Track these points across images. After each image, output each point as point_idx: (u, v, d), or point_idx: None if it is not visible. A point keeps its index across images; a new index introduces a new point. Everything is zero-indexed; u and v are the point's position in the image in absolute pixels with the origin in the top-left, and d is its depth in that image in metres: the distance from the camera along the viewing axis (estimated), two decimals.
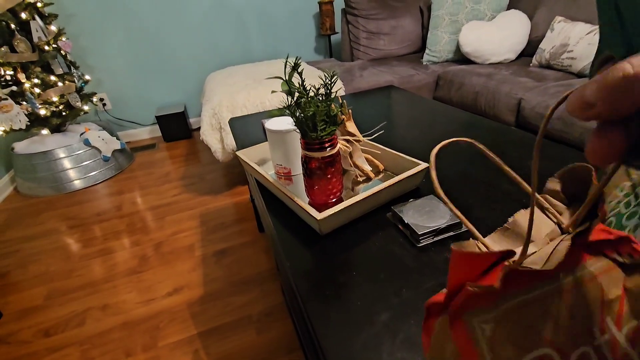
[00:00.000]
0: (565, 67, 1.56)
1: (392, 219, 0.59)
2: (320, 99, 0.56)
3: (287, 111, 0.56)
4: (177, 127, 2.67)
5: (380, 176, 0.75)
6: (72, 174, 2.08)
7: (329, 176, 0.61)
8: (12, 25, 1.77)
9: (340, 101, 0.72)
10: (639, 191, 0.35)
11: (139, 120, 2.77)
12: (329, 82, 0.54)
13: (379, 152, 0.76)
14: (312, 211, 0.54)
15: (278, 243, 0.57)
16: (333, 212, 0.54)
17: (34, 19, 1.84)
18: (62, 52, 2.04)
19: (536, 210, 0.31)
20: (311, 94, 0.56)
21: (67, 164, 2.06)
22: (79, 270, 1.40)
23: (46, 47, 1.91)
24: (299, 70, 0.54)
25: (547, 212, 0.29)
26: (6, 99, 1.80)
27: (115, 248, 1.50)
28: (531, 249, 0.29)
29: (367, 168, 0.73)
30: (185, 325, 1.09)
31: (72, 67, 2.10)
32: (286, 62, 0.52)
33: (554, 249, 0.22)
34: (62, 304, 1.24)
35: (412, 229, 0.53)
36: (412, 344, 0.38)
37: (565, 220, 0.26)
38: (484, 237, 0.27)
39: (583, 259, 0.22)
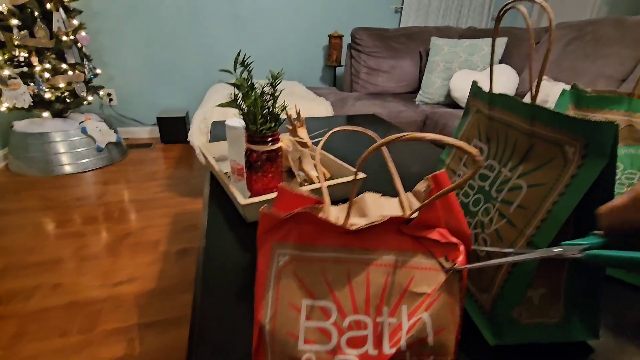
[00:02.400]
0: None
1: None
2: (267, 97, 0.61)
3: (235, 103, 0.60)
4: (176, 130, 2.74)
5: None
6: (63, 158, 2.13)
7: (267, 171, 0.64)
8: (36, 13, 1.89)
9: (297, 110, 0.77)
10: (470, 183, 0.38)
11: (141, 119, 2.86)
12: (274, 82, 0.59)
13: (327, 160, 0.80)
14: (238, 196, 0.58)
15: (204, 222, 0.59)
16: (257, 200, 0.57)
17: (57, 10, 1.97)
18: (78, 44, 2.17)
19: (389, 198, 0.34)
20: (259, 90, 0.60)
21: (60, 148, 2.12)
22: (42, 248, 1.41)
23: (64, 38, 2.03)
24: (249, 68, 0.59)
25: (402, 202, 0.32)
26: (15, 77, 1.90)
27: (84, 232, 1.52)
28: (363, 221, 0.31)
29: (314, 174, 0.76)
30: (128, 315, 1.09)
31: (85, 59, 2.21)
32: (236, 57, 0.57)
33: (371, 222, 0.24)
34: (15, 277, 1.24)
35: None
36: None
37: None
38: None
39: (409, 248, 0.23)
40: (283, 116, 0.68)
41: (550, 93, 1.60)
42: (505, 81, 1.93)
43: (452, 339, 0.21)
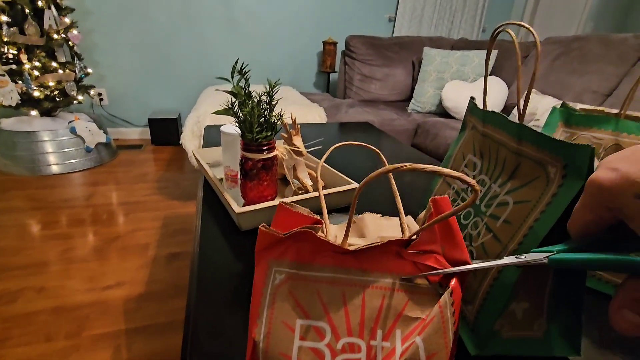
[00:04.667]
0: None
1: None
2: (264, 105, 0.61)
3: (231, 111, 0.61)
4: (167, 132, 2.72)
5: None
6: (51, 158, 2.09)
7: (262, 179, 0.65)
8: (27, 10, 1.87)
9: (293, 118, 0.77)
10: (463, 195, 0.39)
11: (131, 120, 2.83)
12: (271, 91, 0.60)
13: (322, 169, 0.81)
14: (233, 204, 0.58)
15: (197, 229, 0.59)
16: (252, 209, 0.58)
17: (49, 8, 1.94)
18: (70, 43, 2.14)
19: (389, 219, 0.35)
20: (255, 99, 0.61)
21: (48, 147, 2.08)
22: (28, 249, 1.38)
23: (55, 36, 2.00)
24: (246, 76, 0.60)
25: (402, 225, 0.32)
26: (3, 75, 1.86)
27: (71, 235, 1.49)
28: (361, 241, 0.32)
29: (308, 182, 0.77)
30: (116, 320, 1.07)
31: (76, 58, 2.18)
32: (234, 66, 0.58)
33: (370, 243, 0.24)
34: None
35: None
36: None
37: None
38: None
39: (406, 272, 0.24)
40: (279, 125, 0.68)
41: (538, 106, 1.65)
42: (496, 93, 1.98)
43: None
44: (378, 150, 0.35)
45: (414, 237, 0.25)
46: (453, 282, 0.23)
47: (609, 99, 1.55)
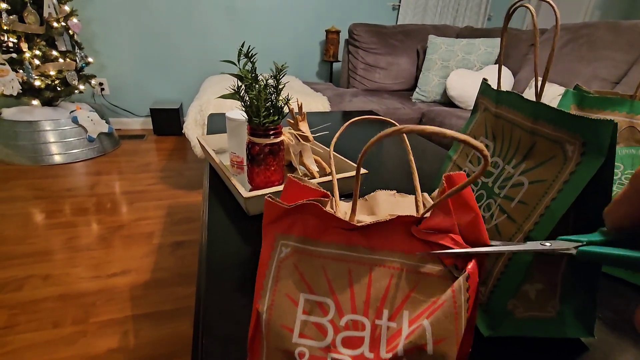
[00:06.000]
0: None
1: None
2: (271, 89, 0.60)
3: (237, 95, 0.60)
4: (169, 122, 2.71)
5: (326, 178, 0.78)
6: (53, 148, 2.09)
7: (269, 164, 0.64)
8: None
9: (299, 104, 0.76)
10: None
11: (133, 110, 2.81)
12: (278, 74, 0.59)
13: (327, 155, 0.80)
14: (241, 189, 0.57)
15: (205, 215, 0.59)
16: (260, 193, 0.57)
17: None
18: (70, 31, 2.11)
19: (404, 196, 0.34)
20: (262, 83, 0.60)
21: (50, 137, 2.08)
22: (32, 238, 1.38)
23: (55, 24, 1.97)
24: (253, 59, 0.59)
25: (417, 202, 0.31)
26: (4, 64, 1.84)
27: (76, 223, 1.49)
28: (371, 219, 0.31)
29: (314, 169, 0.76)
30: (122, 307, 1.08)
31: (76, 47, 2.16)
32: (240, 48, 0.57)
33: (376, 220, 0.23)
34: (4, 268, 1.21)
35: None
36: None
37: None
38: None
39: (417, 251, 0.22)
40: (286, 109, 0.67)
41: (545, 94, 1.63)
42: (501, 81, 1.95)
43: (453, 351, 0.20)
44: (394, 122, 0.34)
45: (427, 214, 0.23)
46: (470, 265, 0.21)
47: (617, 86, 1.53)
